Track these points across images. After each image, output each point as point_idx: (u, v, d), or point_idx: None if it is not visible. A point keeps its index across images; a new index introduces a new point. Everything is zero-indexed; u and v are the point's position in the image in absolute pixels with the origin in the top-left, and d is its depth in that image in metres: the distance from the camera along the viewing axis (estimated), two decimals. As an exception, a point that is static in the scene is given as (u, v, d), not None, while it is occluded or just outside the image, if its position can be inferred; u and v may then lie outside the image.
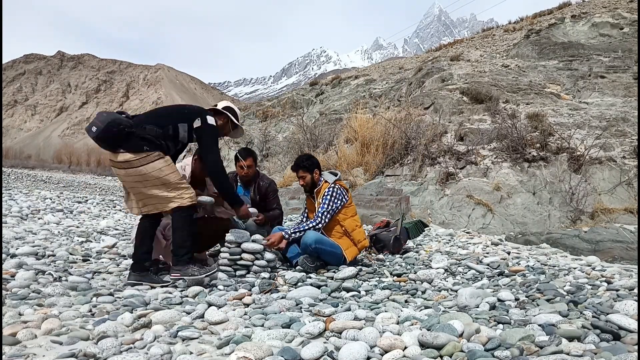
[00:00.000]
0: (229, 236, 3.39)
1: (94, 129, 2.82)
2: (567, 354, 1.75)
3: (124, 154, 2.86)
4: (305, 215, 4.10)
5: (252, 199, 4.05)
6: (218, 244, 3.80)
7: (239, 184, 4.17)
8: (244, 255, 3.39)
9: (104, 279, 3.18)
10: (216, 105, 3.44)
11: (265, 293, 2.85)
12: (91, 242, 4.46)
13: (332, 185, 3.80)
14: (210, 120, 3.14)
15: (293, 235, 3.64)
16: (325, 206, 3.72)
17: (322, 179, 3.88)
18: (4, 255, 3.42)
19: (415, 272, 3.60)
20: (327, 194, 3.75)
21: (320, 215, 3.71)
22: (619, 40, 12.43)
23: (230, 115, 3.39)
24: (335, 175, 3.92)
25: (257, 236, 3.50)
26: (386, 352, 1.83)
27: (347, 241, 3.78)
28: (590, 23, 13.70)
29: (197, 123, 3.08)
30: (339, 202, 3.78)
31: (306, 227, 3.67)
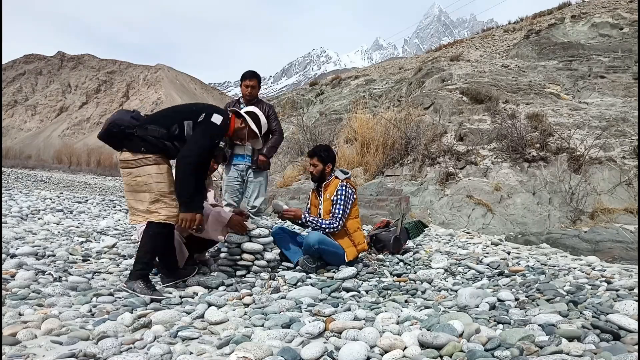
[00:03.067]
0: (229, 236, 3.39)
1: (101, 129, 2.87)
2: (567, 354, 1.75)
3: (124, 153, 2.86)
4: (308, 210, 4.10)
5: None
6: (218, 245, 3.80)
7: (242, 104, 4.53)
8: (244, 256, 3.39)
9: (104, 279, 3.17)
10: (241, 109, 3.30)
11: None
12: (91, 242, 4.46)
13: (344, 184, 3.82)
14: (215, 118, 2.91)
15: (309, 223, 3.74)
16: (342, 209, 3.75)
17: (333, 174, 3.92)
18: (4, 255, 3.42)
19: (415, 272, 3.60)
20: (342, 194, 3.76)
21: (338, 218, 3.73)
22: (619, 41, 12.42)
23: (248, 119, 3.19)
24: (346, 174, 3.96)
25: (258, 230, 3.49)
26: (386, 352, 1.83)
27: (347, 241, 3.79)
28: (590, 23, 13.70)
29: (200, 118, 2.91)
30: (351, 202, 3.83)
31: (324, 226, 3.71)
